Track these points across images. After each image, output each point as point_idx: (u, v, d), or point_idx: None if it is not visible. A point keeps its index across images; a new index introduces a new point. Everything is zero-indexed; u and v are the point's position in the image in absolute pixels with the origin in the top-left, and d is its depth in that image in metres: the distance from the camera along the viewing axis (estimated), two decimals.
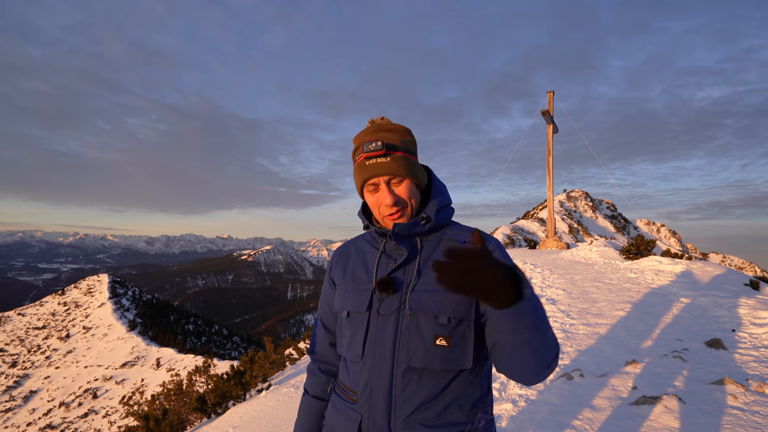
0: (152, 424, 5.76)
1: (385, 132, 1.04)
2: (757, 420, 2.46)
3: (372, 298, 1.02)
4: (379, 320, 0.99)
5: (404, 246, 1.02)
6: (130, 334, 51.14)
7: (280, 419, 3.91)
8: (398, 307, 0.98)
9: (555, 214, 34.67)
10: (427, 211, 1.03)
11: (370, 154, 1.00)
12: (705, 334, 4.30)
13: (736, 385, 2.89)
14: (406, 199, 1.03)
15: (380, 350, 0.98)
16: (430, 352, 0.94)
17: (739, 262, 69.63)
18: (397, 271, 1.03)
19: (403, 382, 0.95)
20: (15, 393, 41.74)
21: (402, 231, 1.02)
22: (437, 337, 0.94)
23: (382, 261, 1.06)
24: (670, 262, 8.67)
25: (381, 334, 0.98)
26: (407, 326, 0.96)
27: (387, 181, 1.01)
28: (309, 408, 1.19)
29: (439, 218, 1.06)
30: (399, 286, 1.00)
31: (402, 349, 0.96)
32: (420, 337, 0.95)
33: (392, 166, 0.99)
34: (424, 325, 0.95)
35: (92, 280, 75.01)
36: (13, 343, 54.98)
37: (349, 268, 1.12)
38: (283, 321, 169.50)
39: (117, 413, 30.52)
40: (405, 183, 1.02)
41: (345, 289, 1.10)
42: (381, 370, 0.97)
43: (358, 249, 1.15)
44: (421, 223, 1.02)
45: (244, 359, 7.87)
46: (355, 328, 1.03)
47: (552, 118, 15.31)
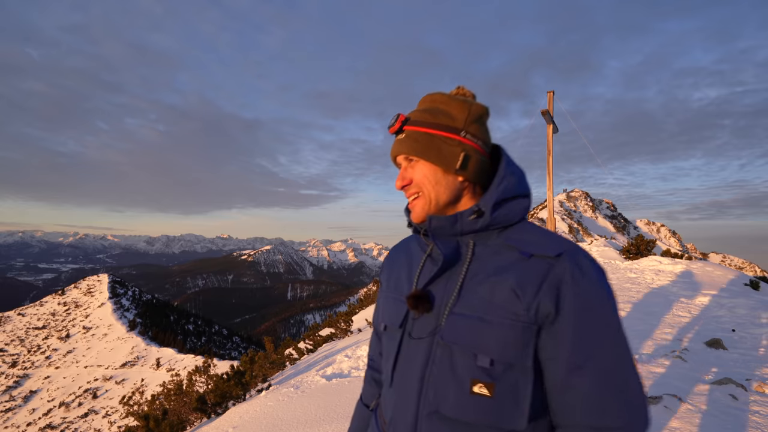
0: (152, 424, 5.76)
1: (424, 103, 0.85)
2: (758, 420, 2.46)
3: (407, 313, 0.82)
4: (411, 344, 0.79)
5: (444, 248, 0.78)
6: (130, 334, 51.12)
7: (280, 419, 3.91)
8: (432, 331, 0.77)
9: (555, 214, 34.65)
10: (482, 203, 0.77)
11: (391, 130, 0.84)
12: (705, 334, 4.30)
13: (737, 385, 2.89)
14: (418, 182, 0.81)
15: (406, 382, 0.78)
16: (464, 399, 0.71)
17: (739, 262, 69.60)
18: (437, 282, 0.79)
19: (429, 428, 0.74)
20: (15, 393, 41.73)
21: (439, 225, 0.79)
22: (475, 383, 0.70)
23: (426, 267, 0.84)
24: (670, 262, 8.67)
25: (409, 363, 0.78)
26: (440, 359, 0.74)
27: (405, 161, 0.84)
28: (359, 416, 1.07)
29: (500, 214, 0.77)
30: (435, 303, 0.78)
31: (430, 387, 0.74)
32: (453, 378, 0.72)
33: (405, 143, 0.82)
34: (459, 362, 0.72)
35: (92, 280, 75.00)
36: (13, 343, 54.95)
37: (395, 272, 0.93)
38: (283, 321, 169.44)
39: (117, 413, 30.51)
40: (419, 165, 0.81)
41: (386, 298, 0.92)
42: (405, 408, 0.78)
43: (409, 251, 0.93)
44: (468, 219, 0.77)
45: (244, 359, 7.87)
46: (389, 346, 0.86)
47: (552, 118, 15.33)
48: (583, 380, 0.68)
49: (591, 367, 0.68)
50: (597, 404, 0.67)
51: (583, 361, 0.68)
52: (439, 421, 0.73)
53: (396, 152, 0.84)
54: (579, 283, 0.69)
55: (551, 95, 15.59)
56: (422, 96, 0.86)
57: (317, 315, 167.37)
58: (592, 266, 0.72)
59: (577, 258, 0.71)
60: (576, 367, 0.68)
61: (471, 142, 0.80)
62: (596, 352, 0.68)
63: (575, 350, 0.68)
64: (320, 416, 3.67)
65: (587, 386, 0.68)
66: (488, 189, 0.79)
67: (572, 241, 0.77)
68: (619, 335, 0.70)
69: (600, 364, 0.68)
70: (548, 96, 15.80)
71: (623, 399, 0.67)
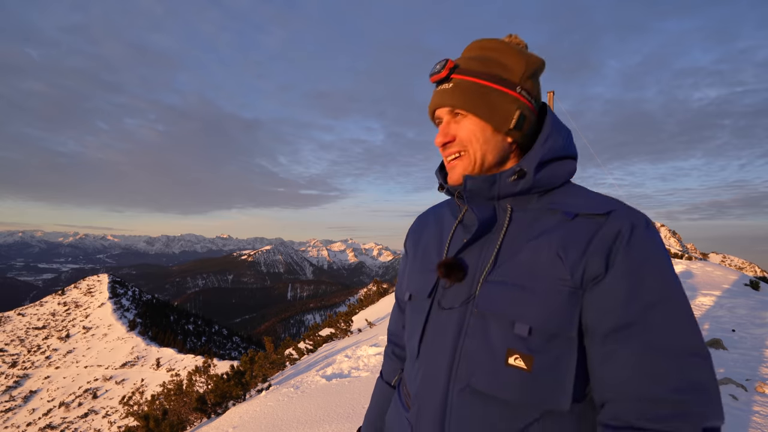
0: (152, 424, 5.76)
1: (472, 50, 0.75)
2: (758, 420, 2.46)
3: (437, 282, 0.76)
4: (442, 315, 0.73)
5: (480, 213, 0.71)
6: (130, 334, 51.15)
7: (280, 419, 3.91)
8: (465, 300, 0.70)
9: None
10: (523, 162, 0.70)
11: (434, 77, 0.74)
12: (705, 334, 4.30)
13: (737, 385, 2.89)
14: (464, 140, 0.72)
15: (436, 354, 0.72)
16: (499, 372, 0.65)
17: (739, 262, 69.62)
18: (470, 249, 0.73)
19: (460, 404, 0.68)
20: (15, 393, 41.75)
21: (475, 187, 0.71)
22: (511, 354, 0.64)
23: (457, 234, 0.78)
24: None
25: (440, 333, 0.72)
26: (474, 329, 0.68)
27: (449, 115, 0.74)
28: (380, 393, 1.00)
29: (542, 175, 0.70)
30: (468, 271, 0.72)
31: (463, 359, 0.68)
32: (487, 349, 0.66)
33: (451, 94, 0.72)
34: (495, 332, 0.66)
35: (92, 280, 75.06)
36: (13, 343, 54.98)
37: (423, 240, 0.87)
38: (283, 321, 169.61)
39: (117, 413, 30.52)
40: (467, 120, 0.72)
41: (413, 267, 0.86)
42: (434, 382, 0.71)
43: (437, 217, 0.87)
44: (508, 180, 0.70)
45: (244, 359, 7.87)
46: (416, 318, 0.79)
47: None
48: (632, 343, 0.59)
49: (642, 325, 0.59)
50: (648, 370, 0.58)
51: (635, 318, 0.59)
52: (472, 396, 0.67)
53: (438, 103, 0.74)
54: (633, 241, 0.62)
55: (551, 95, 15.58)
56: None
57: (317, 315, 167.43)
58: (647, 226, 0.64)
59: (632, 216, 0.64)
60: (625, 326, 0.60)
61: (526, 100, 0.72)
62: (650, 311, 0.59)
63: (626, 309, 0.60)
64: (320, 416, 3.67)
65: (638, 349, 0.59)
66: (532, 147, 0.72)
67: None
68: (678, 294, 0.61)
69: (655, 322, 0.59)
70: (548, 96, 15.79)
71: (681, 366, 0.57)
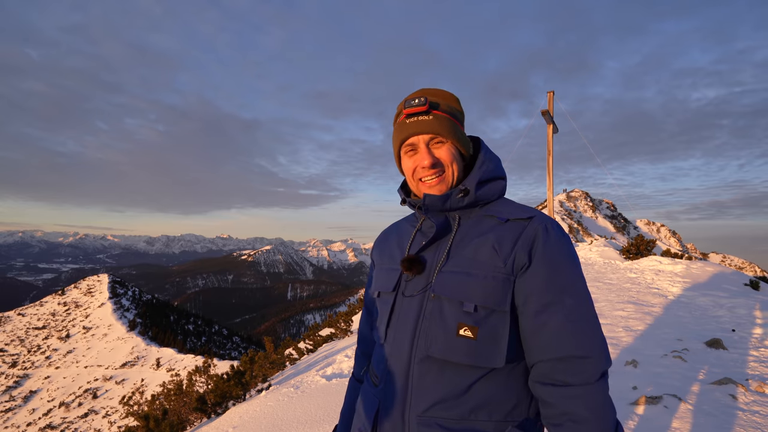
0: (152, 424, 5.76)
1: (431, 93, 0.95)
2: (757, 420, 2.45)
3: (400, 278, 0.96)
4: (404, 302, 0.93)
5: (436, 221, 0.93)
6: (130, 334, 51.12)
7: (280, 419, 3.91)
8: (424, 288, 0.91)
9: (555, 214, 34.66)
10: (466, 183, 0.93)
11: (412, 110, 0.91)
12: (705, 334, 4.30)
13: (736, 385, 2.89)
14: (447, 162, 0.93)
15: (400, 334, 0.91)
16: (451, 342, 0.84)
17: (739, 262, 69.63)
18: (428, 249, 0.95)
19: (421, 371, 0.87)
20: (15, 393, 41.73)
21: (433, 203, 0.93)
22: (461, 327, 0.84)
23: (416, 239, 0.99)
24: (670, 262, 8.67)
25: (403, 317, 0.92)
26: (431, 311, 0.88)
27: (427, 142, 0.93)
28: (352, 389, 1.17)
29: (481, 192, 0.94)
30: (426, 265, 0.93)
31: (422, 335, 0.88)
32: (442, 324, 0.86)
33: (434, 124, 0.91)
34: (447, 311, 0.86)
35: (92, 280, 75.00)
36: (13, 343, 54.96)
37: (387, 249, 1.08)
38: (283, 321, 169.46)
39: (117, 413, 30.51)
40: (447, 145, 0.93)
41: (380, 270, 1.06)
42: (399, 356, 0.90)
43: (399, 229, 1.10)
44: (457, 196, 0.92)
45: (244, 359, 7.86)
46: (383, 309, 0.99)
47: (552, 118, 15.33)
48: (552, 317, 0.82)
49: (559, 304, 0.82)
50: (563, 338, 0.81)
51: (552, 299, 0.82)
52: (430, 363, 0.86)
53: (423, 130, 0.92)
54: (548, 238, 0.86)
55: (551, 95, 15.58)
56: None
57: (317, 315, 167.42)
58: (557, 228, 0.89)
59: (546, 220, 0.89)
60: (546, 306, 0.83)
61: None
62: (563, 293, 0.83)
63: (546, 291, 0.83)
64: (320, 416, 3.67)
65: (556, 322, 0.82)
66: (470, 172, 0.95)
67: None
68: (582, 282, 0.86)
69: (567, 302, 0.82)
70: (548, 96, 15.80)
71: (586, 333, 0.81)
